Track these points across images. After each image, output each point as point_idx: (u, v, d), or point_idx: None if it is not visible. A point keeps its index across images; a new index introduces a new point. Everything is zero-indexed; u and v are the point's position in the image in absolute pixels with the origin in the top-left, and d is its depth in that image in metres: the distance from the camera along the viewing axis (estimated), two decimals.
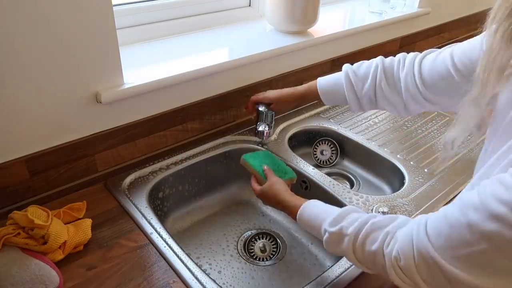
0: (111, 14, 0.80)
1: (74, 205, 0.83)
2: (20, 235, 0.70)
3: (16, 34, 0.70)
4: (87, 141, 0.88)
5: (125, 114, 0.92)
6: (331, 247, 0.66)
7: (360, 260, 0.62)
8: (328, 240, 0.66)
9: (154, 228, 0.81)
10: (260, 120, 1.00)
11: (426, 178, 1.01)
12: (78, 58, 0.79)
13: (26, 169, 0.82)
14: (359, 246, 0.61)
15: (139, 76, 0.91)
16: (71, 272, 0.72)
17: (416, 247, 0.52)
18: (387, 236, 0.58)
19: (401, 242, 0.55)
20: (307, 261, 0.95)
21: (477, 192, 0.47)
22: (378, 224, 0.60)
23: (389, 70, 0.81)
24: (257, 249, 0.97)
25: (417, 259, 0.52)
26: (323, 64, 1.33)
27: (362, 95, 0.84)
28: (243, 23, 1.29)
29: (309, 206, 0.73)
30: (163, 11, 1.12)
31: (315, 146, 1.20)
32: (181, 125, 1.04)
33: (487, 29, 0.50)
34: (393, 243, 0.56)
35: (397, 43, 1.61)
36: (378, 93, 0.82)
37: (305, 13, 1.19)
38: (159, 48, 1.08)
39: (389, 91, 0.81)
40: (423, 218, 0.54)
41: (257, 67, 1.13)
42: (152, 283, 0.70)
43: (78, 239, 0.75)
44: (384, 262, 0.57)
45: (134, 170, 0.95)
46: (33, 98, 0.77)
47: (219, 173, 1.08)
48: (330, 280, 0.73)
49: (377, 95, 0.83)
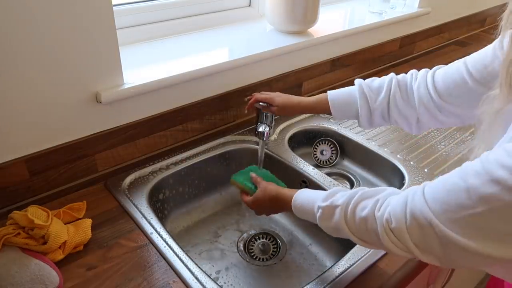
0: (111, 14, 0.80)
1: (74, 205, 0.83)
2: (20, 235, 0.69)
3: (16, 34, 0.70)
4: (87, 141, 0.88)
5: (125, 114, 0.92)
6: (325, 222, 0.66)
7: (354, 231, 0.62)
8: (321, 216, 0.66)
9: (154, 228, 0.81)
10: (260, 120, 1.00)
11: (426, 178, 1.01)
12: (78, 58, 0.79)
13: (26, 169, 0.82)
14: (350, 215, 0.61)
15: (139, 76, 0.91)
16: (71, 272, 0.72)
17: (410, 210, 0.52)
18: (378, 202, 0.58)
19: (393, 206, 0.55)
20: (307, 261, 0.95)
21: (479, 160, 0.47)
22: (368, 193, 0.61)
23: (403, 83, 0.81)
24: (257, 249, 0.97)
25: (409, 221, 0.52)
26: (323, 64, 1.33)
27: (375, 107, 0.82)
28: (243, 23, 1.29)
29: (302, 192, 0.74)
30: (163, 11, 1.12)
31: (315, 146, 1.20)
32: (181, 125, 1.04)
33: (500, 34, 0.50)
34: (384, 207, 0.57)
35: (397, 43, 1.61)
36: (392, 105, 0.81)
37: (305, 13, 1.19)
38: (159, 48, 1.08)
39: (402, 103, 0.80)
40: (420, 186, 0.54)
41: (257, 67, 1.13)
42: (152, 283, 0.70)
43: (78, 239, 0.75)
44: (376, 226, 0.57)
45: (134, 170, 0.95)
46: (33, 98, 0.77)
47: (219, 173, 1.08)
48: (330, 280, 0.73)
49: (390, 107, 0.81)
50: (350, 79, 1.47)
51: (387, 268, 0.76)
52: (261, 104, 0.94)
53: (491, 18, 2.13)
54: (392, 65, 1.63)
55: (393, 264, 0.77)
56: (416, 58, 1.73)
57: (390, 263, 0.77)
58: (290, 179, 1.03)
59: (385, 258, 0.78)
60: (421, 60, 1.71)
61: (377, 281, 0.74)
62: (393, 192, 0.60)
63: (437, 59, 1.72)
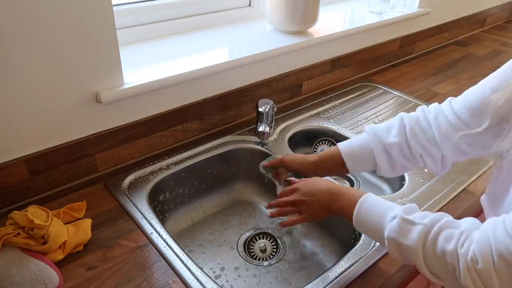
0: (111, 14, 0.80)
1: (74, 205, 0.83)
2: (20, 235, 0.69)
3: (16, 34, 0.70)
4: (87, 141, 0.88)
5: (125, 114, 0.92)
6: (398, 236, 0.58)
7: (428, 260, 0.55)
8: (395, 228, 0.59)
9: (154, 228, 0.81)
10: (260, 120, 1.00)
11: (426, 178, 1.01)
12: (78, 58, 0.79)
13: (26, 169, 0.82)
14: (431, 241, 0.55)
15: (139, 76, 0.91)
16: (71, 272, 0.72)
17: (496, 249, 0.48)
18: (462, 235, 0.53)
19: (477, 244, 0.51)
20: (307, 261, 0.95)
21: None
22: (453, 223, 0.56)
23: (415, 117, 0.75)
24: (257, 249, 0.97)
25: (497, 263, 0.48)
26: (323, 64, 1.33)
27: (390, 143, 0.74)
28: (243, 23, 1.29)
29: (370, 195, 0.67)
30: (163, 11, 1.12)
31: (315, 146, 1.20)
32: (181, 125, 1.04)
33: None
34: (468, 243, 0.52)
35: (397, 43, 1.61)
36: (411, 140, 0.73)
37: (305, 13, 1.19)
38: (159, 48, 1.08)
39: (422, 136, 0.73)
40: (499, 220, 0.51)
41: (257, 67, 1.13)
42: (152, 283, 0.70)
43: (78, 239, 0.75)
44: (457, 263, 0.52)
45: (134, 170, 0.95)
46: (33, 98, 0.77)
47: (219, 173, 1.08)
48: (330, 280, 0.73)
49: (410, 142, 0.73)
50: (350, 79, 1.47)
51: (387, 268, 0.76)
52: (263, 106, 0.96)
53: (491, 18, 2.13)
54: (392, 65, 1.63)
55: (393, 264, 0.77)
56: (416, 58, 1.73)
57: (390, 263, 0.77)
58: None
59: (385, 258, 0.78)
60: (421, 60, 1.72)
61: (377, 281, 0.74)
62: (475, 224, 0.55)
63: (437, 59, 1.72)
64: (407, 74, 1.57)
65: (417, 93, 1.41)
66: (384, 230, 0.61)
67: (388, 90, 1.42)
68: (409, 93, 1.41)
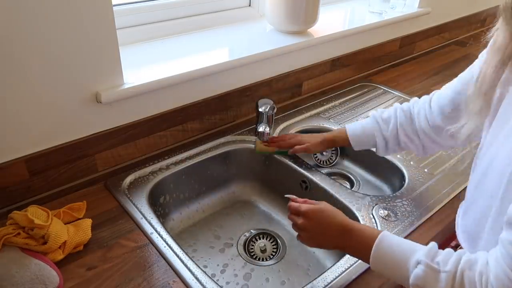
0: (111, 14, 0.80)
1: (74, 205, 0.83)
2: (20, 235, 0.69)
3: (16, 34, 0.70)
4: (87, 141, 0.88)
5: (125, 114, 0.92)
6: (424, 285, 0.58)
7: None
8: (422, 276, 0.58)
9: (154, 228, 0.81)
10: (260, 120, 1.00)
11: (426, 178, 1.01)
12: (78, 58, 0.79)
13: (26, 169, 0.82)
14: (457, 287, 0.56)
15: (139, 76, 0.91)
16: (71, 272, 0.72)
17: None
18: (482, 277, 0.55)
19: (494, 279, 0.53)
20: (307, 261, 0.95)
21: None
22: (471, 260, 0.57)
23: (407, 111, 0.90)
24: (257, 249, 0.97)
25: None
26: (323, 64, 1.33)
27: (387, 136, 0.91)
28: (243, 23, 1.29)
29: (388, 235, 0.65)
30: (163, 11, 1.12)
31: None
32: (181, 125, 1.04)
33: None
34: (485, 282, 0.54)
35: (397, 43, 1.61)
36: (400, 132, 0.90)
37: (305, 13, 1.19)
38: (159, 48, 1.08)
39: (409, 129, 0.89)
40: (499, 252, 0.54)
41: (257, 67, 1.13)
42: (152, 283, 0.70)
43: (78, 239, 0.75)
44: None
45: (134, 170, 0.95)
46: (33, 98, 0.77)
47: (219, 173, 1.08)
48: (330, 280, 0.73)
49: (399, 134, 0.90)
50: (350, 79, 1.47)
51: None
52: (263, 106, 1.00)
53: (491, 18, 2.12)
54: (392, 65, 1.63)
55: None
56: (416, 58, 1.73)
57: None
58: (290, 179, 1.03)
59: None
60: (421, 60, 1.72)
61: (377, 281, 0.74)
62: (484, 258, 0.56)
63: (437, 59, 1.72)
64: (407, 74, 1.57)
65: (417, 93, 1.41)
66: (407, 276, 0.60)
67: (388, 90, 1.42)
68: (409, 93, 1.41)
